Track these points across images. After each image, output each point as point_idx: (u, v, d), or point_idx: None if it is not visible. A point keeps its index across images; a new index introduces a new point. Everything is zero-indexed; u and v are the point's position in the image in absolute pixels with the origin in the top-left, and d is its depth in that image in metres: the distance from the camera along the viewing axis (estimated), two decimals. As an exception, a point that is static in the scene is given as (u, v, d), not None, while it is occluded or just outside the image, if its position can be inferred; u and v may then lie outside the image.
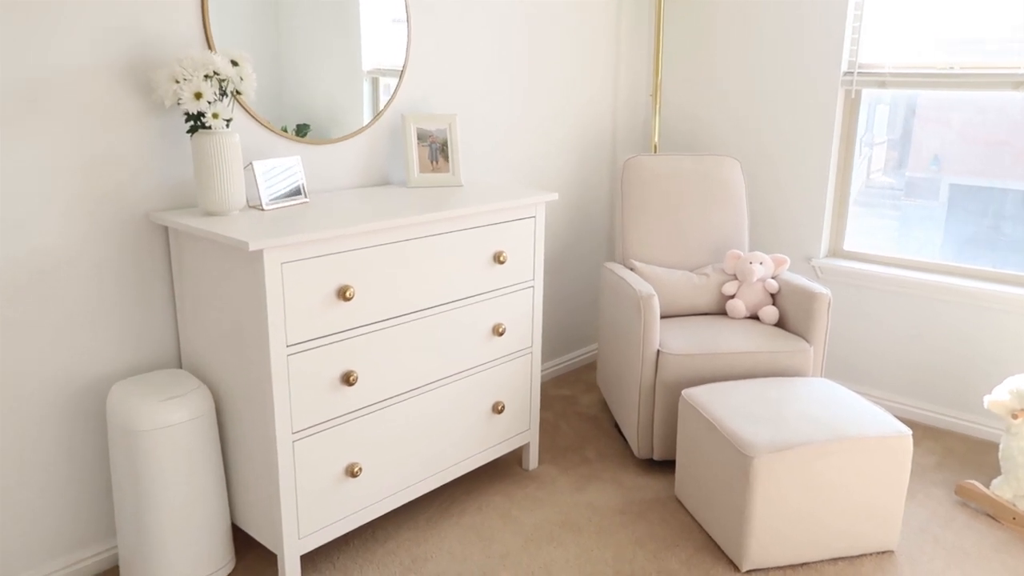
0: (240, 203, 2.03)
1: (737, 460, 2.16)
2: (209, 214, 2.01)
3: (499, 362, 2.47)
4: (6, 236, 1.82)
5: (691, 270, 3.06)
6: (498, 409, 2.48)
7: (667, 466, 2.76)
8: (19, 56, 1.78)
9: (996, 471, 2.77)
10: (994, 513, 2.49)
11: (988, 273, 2.99)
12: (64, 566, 2.06)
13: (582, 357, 3.71)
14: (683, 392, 2.48)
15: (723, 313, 2.98)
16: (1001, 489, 2.50)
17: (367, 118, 2.52)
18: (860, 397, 2.41)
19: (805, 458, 2.13)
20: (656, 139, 3.51)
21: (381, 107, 2.55)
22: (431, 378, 2.25)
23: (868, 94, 3.18)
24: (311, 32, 2.32)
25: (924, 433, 3.05)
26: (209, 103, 1.94)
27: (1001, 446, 2.51)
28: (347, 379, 2.00)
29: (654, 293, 2.61)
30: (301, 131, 2.35)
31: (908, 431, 2.22)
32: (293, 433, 1.93)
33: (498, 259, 2.35)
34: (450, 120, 2.58)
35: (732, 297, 2.94)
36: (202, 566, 2.01)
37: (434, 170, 2.58)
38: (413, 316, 2.16)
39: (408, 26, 2.57)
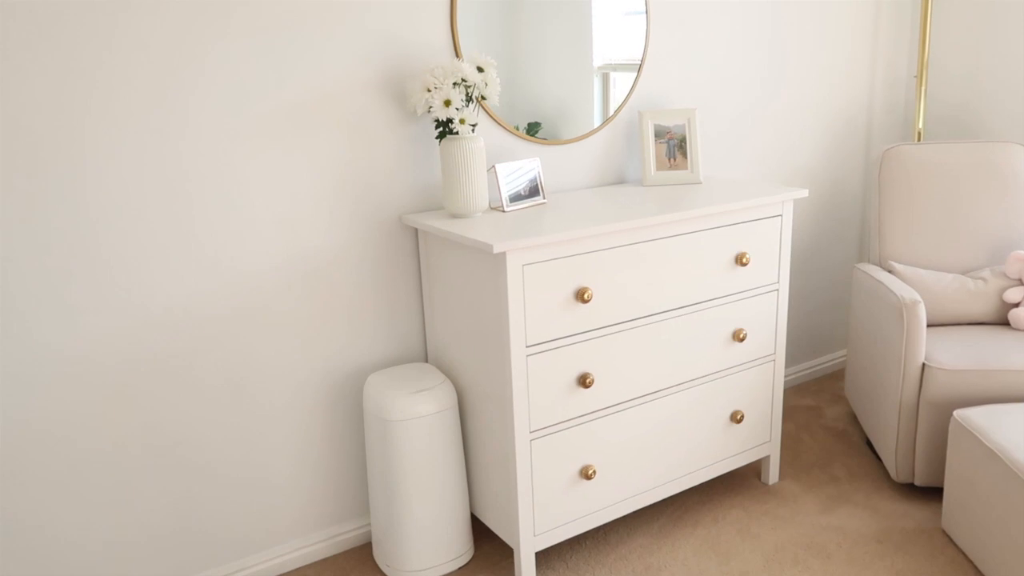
0: (483, 205, 2.10)
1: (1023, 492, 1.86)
2: (454, 216, 2.10)
3: (738, 369, 2.34)
4: (285, 236, 2.03)
5: (963, 273, 2.70)
6: (736, 418, 2.35)
7: (931, 494, 2.45)
8: (298, 75, 1.97)
9: None
10: None
11: None
12: (326, 537, 2.26)
13: (827, 365, 3.43)
14: (955, 413, 2.19)
15: (1004, 323, 2.59)
16: None
17: (598, 115, 2.49)
18: None
19: (1120, 501, 1.79)
20: (920, 125, 3.14)
21: (612, 103, 2.51)
22: (666, 383, 2.18)
23: None
24: (544, 31, 2.33)
25: None
26: (457, 109, 2.02)
27: None
28: (583, 381, 1.99)
29: (919, 300, 2.33)
30: (532, 130, 2.37)
31: None
32: (531, 432, 1.96)
33: (740, 261, 2.22)
34: (689, 115, 2.48)
35: (1017, 306, 2.55)
36: (444, 551, 2.11)
37: (671, 167, 2.50)
38: (650, 319, 2.10)
39: (647, 18, 2.51)
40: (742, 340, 2.29)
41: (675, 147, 2.50)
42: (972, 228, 2.72)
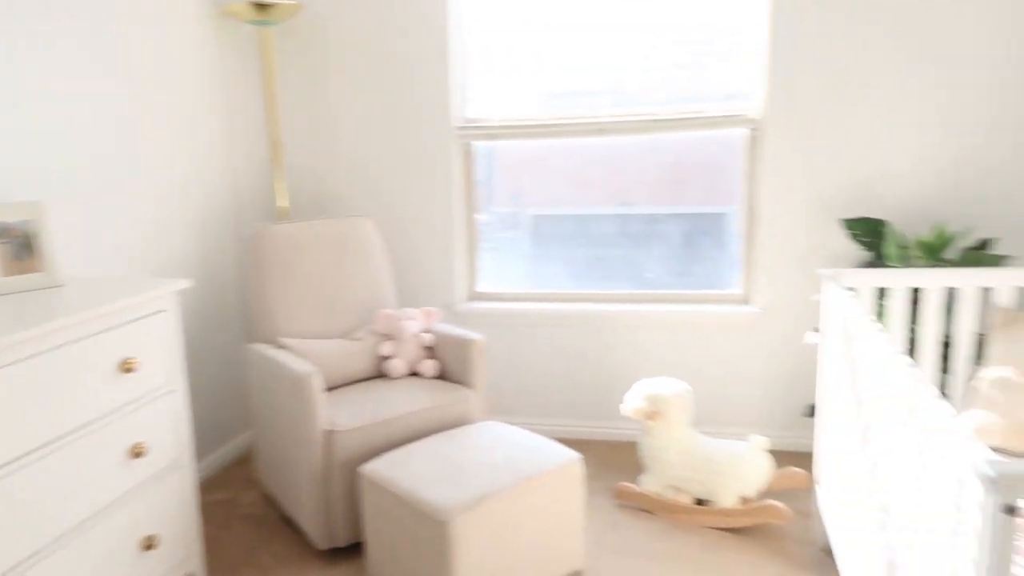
0: None
1: (432, 527, 2.09)
2: None
3: (143, 488, 2.07)
4: None
5: (344, 336, 2.94)
6: (149, 544, 2.07)
7: (356, 549, 2.58)
8: None
9: (639, 469, 3.11)
10: (648, 507, 2.79)
11: (602, 295, 3.39)
12: None
13: (235, 451, 3.35)
14: (360, 469, 2.34)
15: (383, 375, 2.91)
16: (649, 484, 2.81)
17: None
18: (526, 432, 2.52)
19: (496, 507, 2.14)
20: (285, 204, 3.33)
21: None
22: (53, 534, 1.79)
23: (480, 144, 3.40)
24: None
25: (577, 448, 3.32)
26: None
27: (643, 446, 2.81)
28: (-69, 569, 1.48)
29: (313, 371, 2.44)
30: None
31: (577, 455, 2.36)
32: None
33: (126, 367, 1.97)
34: (36, 209, 2.11)
35: (389, 357, 2.88)
36: None
37: (21, 271, 2.09)
38: (15, 464, 1.69)
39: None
40: (141, 455, 2.04)
41: (22, 247, 2.10)
42: (344, 295, 2.99)
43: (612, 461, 3.20)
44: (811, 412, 3.00)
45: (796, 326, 3.15)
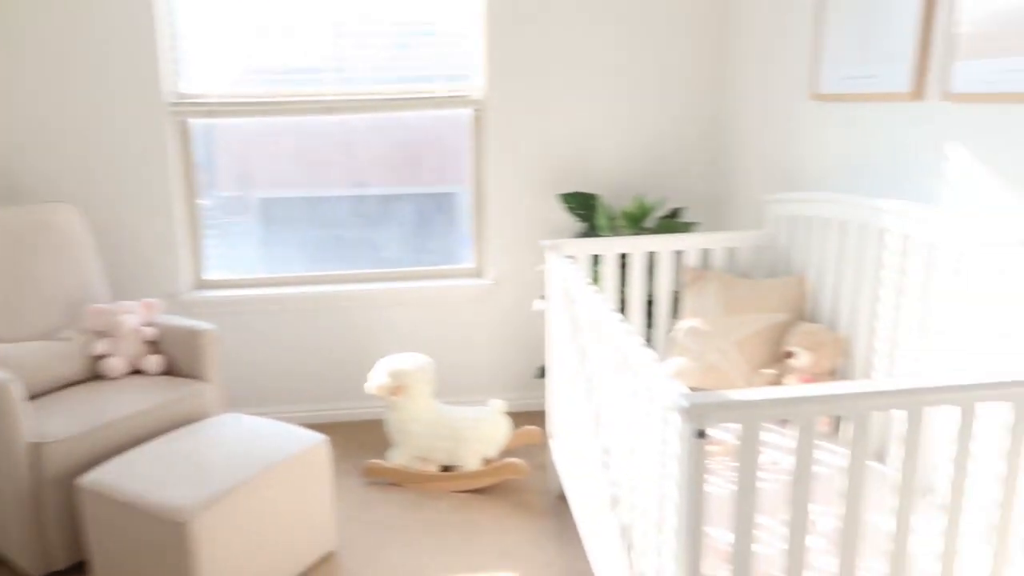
0: None
1: (169, 531, 1.95)
2: None
3: None
4: None
5: (46, 338, 2.61)
6: None
7: (78, 570, 2.33)
8: None
9: (386, 445, 3.16)
10: (398, 480, 2.85)
11: (339, 276, 3.35)
12: None
13: (-89, 481, 2.83)
14: (78, 481, 2.11)
15: (100, 377, 2.63)
16: (398, 458, 2.87)
17: None
18: (268, 420, 2.43)
19: (239, 500, 2.06)
20: (-47, 190, 2.85)
21: None
22: None
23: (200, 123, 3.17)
24: None
25: (325, 431, 3.28)
26: None
27: (389, 421, 2.86)
28: None
29: (8, 378, 2.14)
30: None
31: (322, 438, 2.34)
32: None
33: None
34: None
35: (105, 356, 2.62)
36: None
37: None
38: None
39: None
40: None
41: None
42: (44, 291, 2.64)
43: (360, 440, 3.20)
44: (542, 373, 3.25)
45: (525, 295, 3.37)
